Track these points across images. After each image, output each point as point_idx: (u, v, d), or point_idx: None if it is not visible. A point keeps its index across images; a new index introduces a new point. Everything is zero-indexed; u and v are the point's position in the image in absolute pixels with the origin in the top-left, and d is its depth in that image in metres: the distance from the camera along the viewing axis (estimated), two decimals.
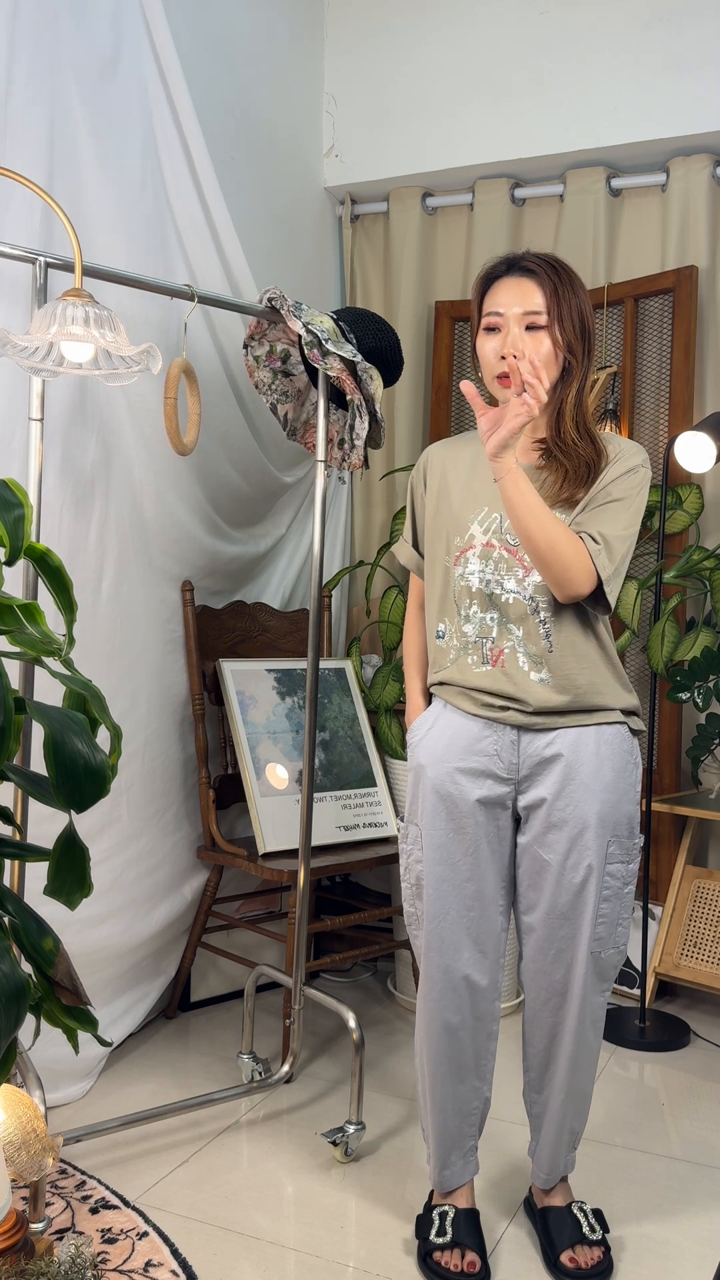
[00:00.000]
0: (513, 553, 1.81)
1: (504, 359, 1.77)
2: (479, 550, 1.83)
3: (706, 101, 3.00)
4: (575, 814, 1.79)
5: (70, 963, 1.48)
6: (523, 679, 1.80)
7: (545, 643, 1.80)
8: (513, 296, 1.78)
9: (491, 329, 1.80)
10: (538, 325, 1.77)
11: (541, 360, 1.77)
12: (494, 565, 1.82)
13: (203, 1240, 1.95)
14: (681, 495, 2.95)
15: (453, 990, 1.85)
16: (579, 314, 1.79)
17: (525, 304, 1.77)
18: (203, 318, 2.71)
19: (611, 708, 1.84)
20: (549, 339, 1.77)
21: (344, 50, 3.42)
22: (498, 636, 1.82)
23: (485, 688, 1.82)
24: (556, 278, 1.78)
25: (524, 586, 1.81)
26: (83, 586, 2.40)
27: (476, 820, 1.82)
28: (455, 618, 1.86)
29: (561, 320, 1.77)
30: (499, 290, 1.80)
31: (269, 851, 2.63)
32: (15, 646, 1.36)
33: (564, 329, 1.77)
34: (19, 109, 2.19)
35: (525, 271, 1.79)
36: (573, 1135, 1.94)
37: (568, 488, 1.79)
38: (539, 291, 1.77)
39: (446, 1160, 1.92)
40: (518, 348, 1.76)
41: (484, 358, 1.82)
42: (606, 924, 1.83)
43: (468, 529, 1.84)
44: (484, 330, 1.82)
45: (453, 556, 1.86)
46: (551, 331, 1.77)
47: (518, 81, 3.22)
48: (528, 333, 1.77)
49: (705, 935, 2.95)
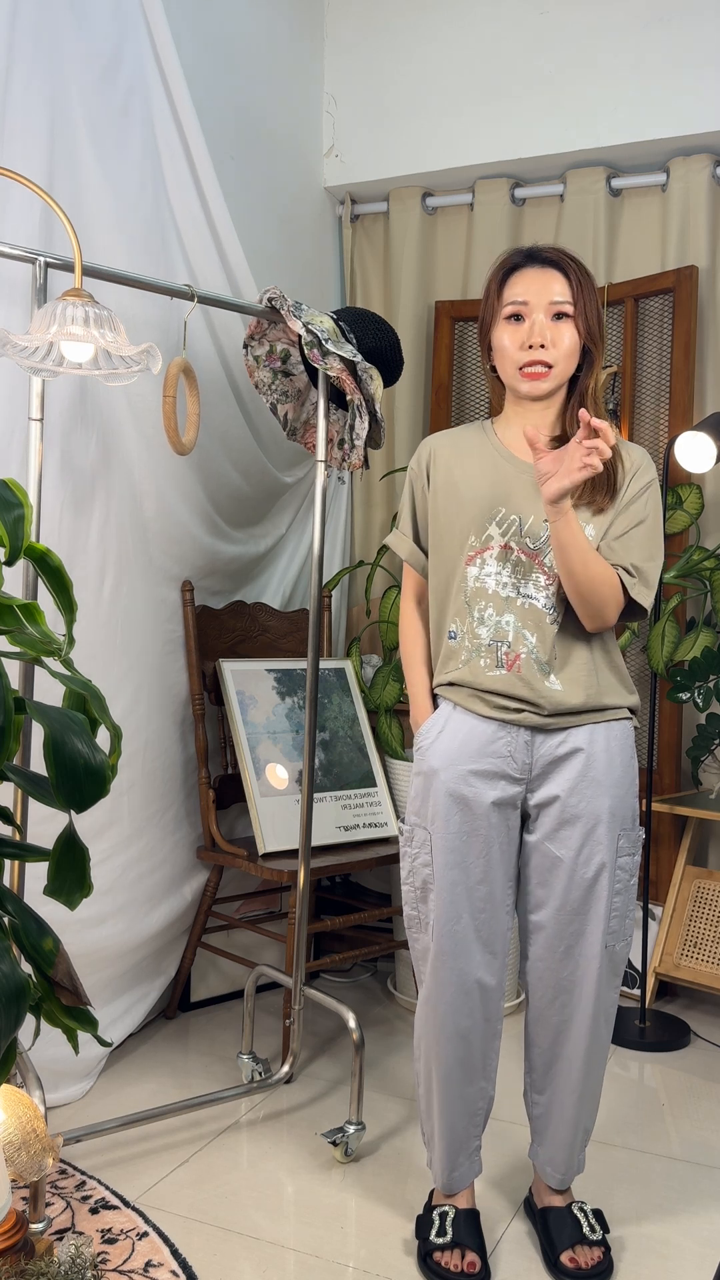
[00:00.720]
0: (532, 557, 1.81)
1: (531, 348, 1.77)
2: (497, 553, 1.82)
3: (706, 101, 3.00)
4: (589, 810, 1.80)
5: (70, 963, 1.48)
6: (538, 683, 1.80)
7: (561, 651, 1.81)
8: (538, 285, 1.78)
9: (514, 318, 1.80)
10: (565, 314, 1.78)
11: (568, 349, 1.78)
12: (512, 568, 1.82)
13: (203, 1240, 1.95)
14: (681, 495, 2.95)
15: (465, 995, 1.84)
16: (596, 307, 1.81)
17: (551, 293, 1.77)
18: (202, 317, 2.71)
19: (619, 706, 1.86)
20: (574, 329, 1.79)
21: (344, 50, 3.42)
22: (513, 641, 1.81)
23: (500, 690, 1.81)
24: (579, 270, 1.80)
25: (545, 594, 1.81)
26: (83, 586, 2.40)
27: (490, 822, 1.82)
28: (468, 619, 1.84)
29: (585, 311, 1.79)
30: (521, 280, 1.80)
31: (269, 852, 2.63)
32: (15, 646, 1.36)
33: (587, 319, 1.79)
34: (19, 109, 2.19)
35: (547, 262, 1.79)
36: (585, 1133, 1.94)
37: (588, 493, 1.80)
38: (564, 281, 1.78)
39: (455, 1162, 1.91)
40: (546, 336, 1.77)
41: (504, 349, 1.81)
42: (619, 916, 1.85)
43: (485, 530, 1.83)
44: (505, 320, 1.81)
45: (466, 556, 1.85)
46: (577, 322, 1.78)
47: (518, 81, 3.22)
48: (554, 322, 1.78)
49: (705, 935, 2.95)
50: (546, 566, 1.81)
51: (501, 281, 1.82)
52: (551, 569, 1.81)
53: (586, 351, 1.82)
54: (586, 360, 1.83)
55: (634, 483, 1.84)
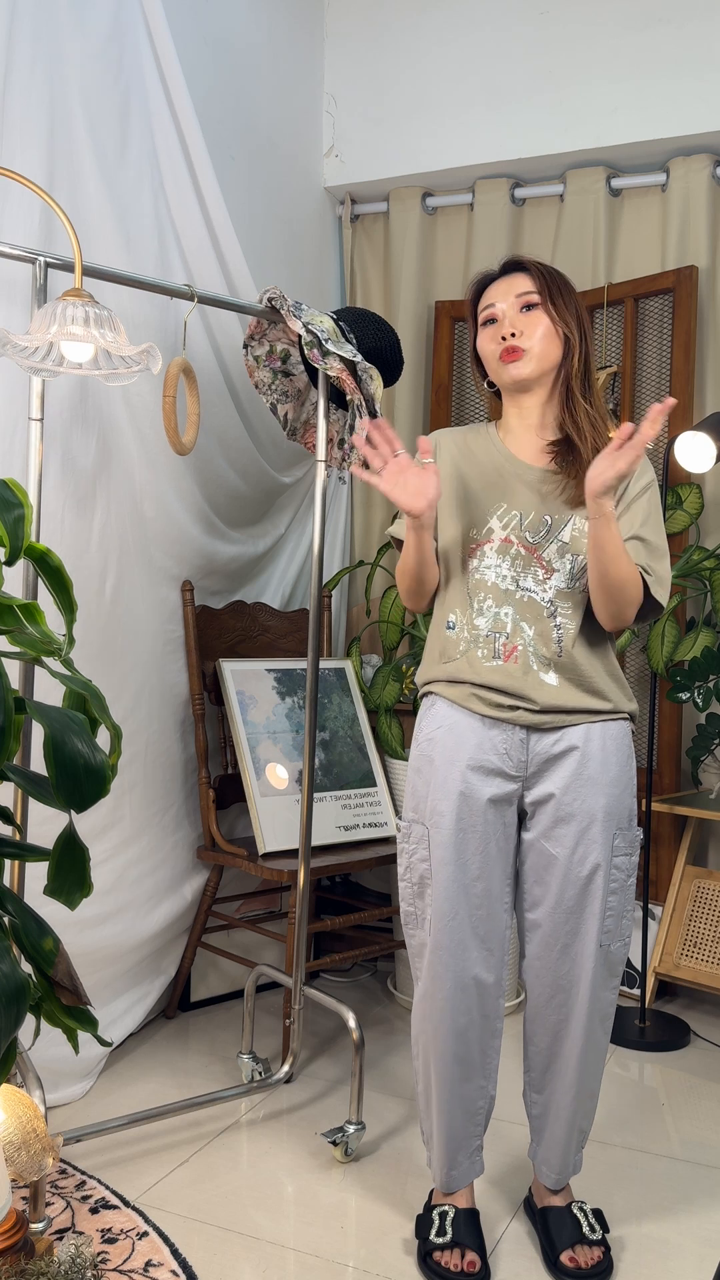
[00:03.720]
0: (531, 550, 1.84)
1: (504, 339, 1.86)
2: (497, 545, 1.86)
3: (706, 101, 3.00)
4: (583, 808, 1.82)
5: (70, 963, 1.48)
6: (533, 678, 1.82)
7: (557, 646, 1.83)
8: (504, 288, 1.90)
9: (489, 321, 1.90)
10: (532, 304, 1.87)
11: (542, 335, 1.85)
12: (511, 561, 1.85)
13: (203, 1240, 1.95)
14: (681, 495, 2.95)
15: (462, 991, 1.85)
16: (572, 297, 1.89)
17: (516, 288, 1.88)
18: (199, 318, 2.71)
19: (616, 710, 1.87)
20: (545, 315, 1.86)
21: (344, 50, 3.42)
22: (511, 633, 1.84)
23: (494, 684, 1.83)
24: (543, 268, 1.90)
25: (544, 588, 1.84)
26: (83, 586, 2.40)
27: (487, 819, 1.83)
28: (468, 610, 1.87)
29: (553, 298, 1.87)
30: (491, 290, 1.92)
31: (269, 851, 2.63)
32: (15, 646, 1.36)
33: (558, 306, 1.86)
34: (18, 109, 2.19)
35: (511, 268, 1.91)
36: (581, 1134, 1.94)
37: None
38: (527, 277, 1.88)
39: (454, 1161, 1.92)
40: (517, 326, 1.86)
41: (484, 352, 1.91)
42: (614, 916, 1.85)
43: (486, 523, 1.87)
44: (482, 326, 1.92)
45: (468, 549, 1.88)
46: (546, 308, 1.86)
47: (518, 81, 3.22)
48: (524, 313, 1.87)
49: (705, 935, 2.95)
50: (545, 561, 1.83)
51: (476, 296, 1.94)
52: (550, 564, 1.83)
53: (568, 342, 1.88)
54: (568, 350, 1.89)
55: (634, 483, 1.88)
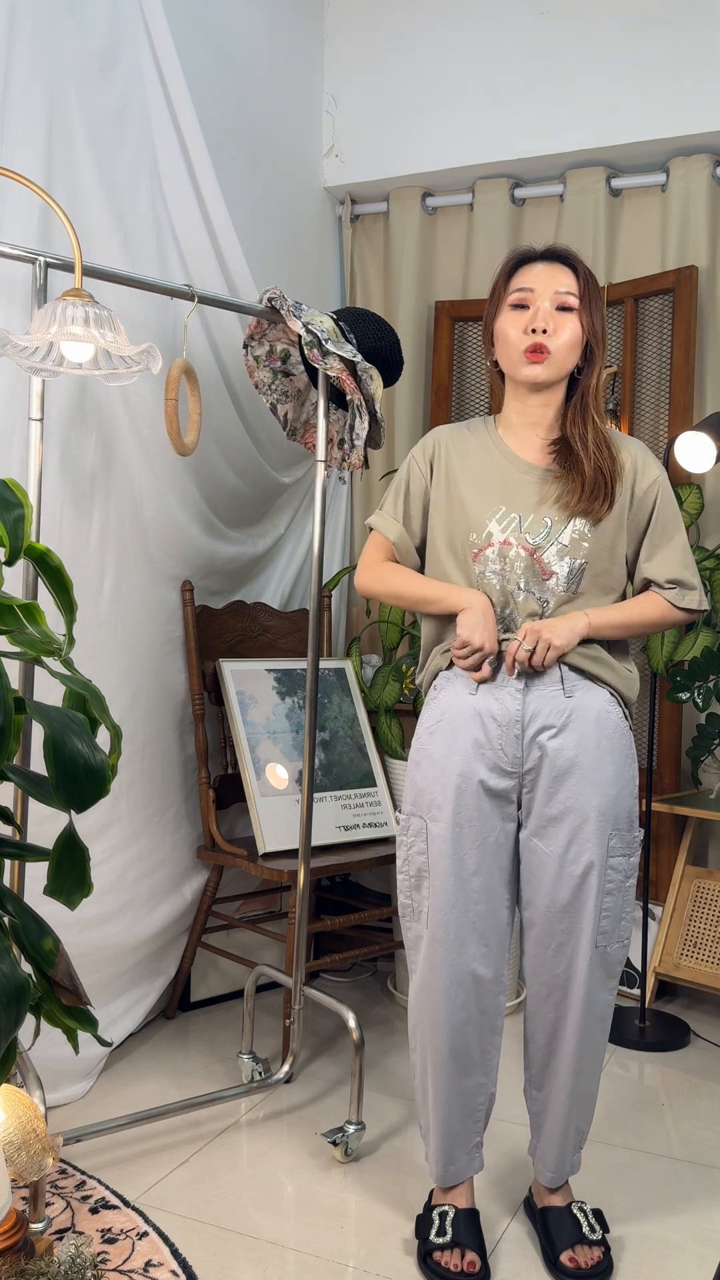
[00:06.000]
0: (531, 553, 1.84)
1: (534, 332, 1.81)
2: (497, 549, 1.85)
3: (706, 101, 3.00)
4: (576, 807, 1.81)
5: (70, 963, 1.48)
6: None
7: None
8: (546, 277, 1.82)
9: (520, 306, 1.84)
10: (569, 307, 1.82)
11: (569, 340, 1.82)
12: (511, 564, 1.84)
13: (202, 1240, 1.95)
14: (681, 495, 2.95)
15: (458, 984, 1.85)
16: (601, 310, 1.86)
17: (558, 284, 1.82)
18: (199, 318, 2.71)
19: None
20: (578, 323, 1.82)
21: (344, 50, 3.42)
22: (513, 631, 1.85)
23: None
24: (587, 271, 1.85)
25: (545, 591, 1.84)
26: (83, 586, 2.40)
27: (484, 813, 1.83)
28: None
29: (590, 308, 1.83)
30: (529, 271, 1.84)
31: (269, 851, 2.63)
32: (15, 646, 1.36)
33: (592, 317, 1.83)
34: (17, 108, 2.18)
35: (557, 258, 1.84)
36: (578, 1134, 1.94)
37: (585, 500, 1.83)
38: (571, 276, 1.83)
39: (451, 1156, 1.91)
40: (549, 323, 1.80)
41: (507, 335, 1.84)
42: (610, 918, 1.84)
43: (485, 527, 1.86)
44: (510, 308, 1.85)
45: (469, 554, 1.87)
46: (581, 316, 1.82)
47: (518, 81, 3.22)
48: (558, 313, 1.82)
49: (705, 935, 2.95)
50: (544, 563, 1.83)
51: (510, 273, 1.87)
52: (549, 567, 1.83)
53: (589, 351, 1.85)
54: (588, 360, 1.85)
55: (639, 483, 1.86)
